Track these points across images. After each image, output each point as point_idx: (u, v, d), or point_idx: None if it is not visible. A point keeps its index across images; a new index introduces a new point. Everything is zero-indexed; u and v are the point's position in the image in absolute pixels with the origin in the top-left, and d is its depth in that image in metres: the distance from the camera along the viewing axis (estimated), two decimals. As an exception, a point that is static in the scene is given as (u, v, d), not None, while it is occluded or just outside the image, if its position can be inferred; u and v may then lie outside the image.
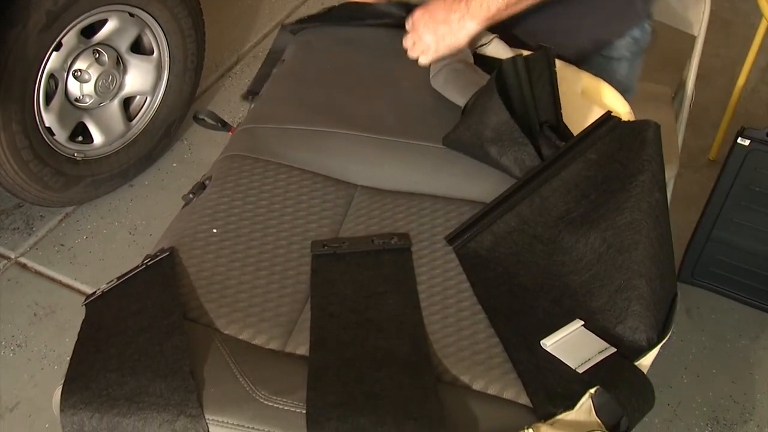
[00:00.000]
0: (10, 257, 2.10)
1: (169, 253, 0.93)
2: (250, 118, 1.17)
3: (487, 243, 0.97)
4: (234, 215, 0.99)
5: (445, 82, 1.16)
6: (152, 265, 0.93)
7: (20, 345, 1.87)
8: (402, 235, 1.00)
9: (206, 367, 0.82)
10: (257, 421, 0.79)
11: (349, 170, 1.07)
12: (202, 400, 0.79)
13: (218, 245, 0.96)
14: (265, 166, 1.06)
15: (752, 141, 1.71)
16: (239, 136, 1.13)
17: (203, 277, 0.92)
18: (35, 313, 1.95)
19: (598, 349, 0.84)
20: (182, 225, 0.99)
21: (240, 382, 0.81)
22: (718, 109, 2.57)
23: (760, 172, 1.74)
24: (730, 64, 2.85)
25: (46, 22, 1.82)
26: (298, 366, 0.84)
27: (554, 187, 0.98)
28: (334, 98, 1.17)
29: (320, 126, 1.12)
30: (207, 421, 0.78)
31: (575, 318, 0.88)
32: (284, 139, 1.10)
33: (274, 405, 0.80)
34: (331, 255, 0.96)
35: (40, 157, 1.96)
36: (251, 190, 1.02)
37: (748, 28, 2.99)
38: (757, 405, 1.78)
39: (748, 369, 1.86)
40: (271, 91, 1.23)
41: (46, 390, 1.77)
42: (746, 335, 1.93)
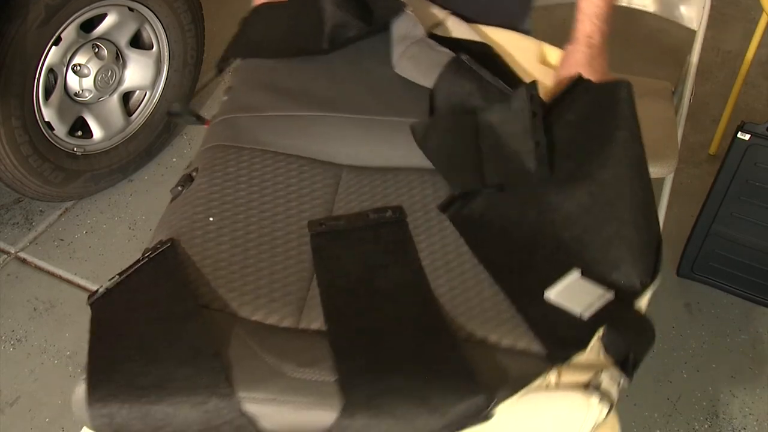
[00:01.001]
0: (10, 252, 2.10)
1: (170, 244, 0.94)
2: (226, 109, 1.17)
3: (479, 208, 1.00)
4: (227, 203, 1.00)
5: (409, 68, 1.17)
6: (155, 257, 0.93)
7: (20, 340, 1.87)
8: (395, 208, 1.01)
9: (227, 350, 0.83)
10: (289, 393, 0.79)
11: (333, 151, 1.09)
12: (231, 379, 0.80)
13: (217, 233, 0.96)
14: (250, 154, 1.07)
15: (752, 135, 1.71)
16: (218, 127, 1.14)
17: (207, 265, 0.92)
18: (35, 307, 1.95)
19: (598, 295, 0.89)
20: (177, 216, 0.99)
21: (264, 359, 0.82)
22: (719, 103, 2.56)
23: (760, 166, 1.74)
24: (730, 59, 2.85)
25: (45, 17, 1.82)
26: (315, 340, 0.85)
27: None
28: (306, 84, 1.18)
29: (298, 111, 1.13)
30: (239, 399, 0.79)
31: (572, 269, 0.92)
32: (265, 126, 1.11)
33: (303, 377, 0.81)
34: (329, 233, 0.97)
35: (39, 151, 1.96)
36: (241, 178, 1.03)
37: (748, 23, 2.99)
38: (757, 400, 1.78)
39: (747, 364, 1.86)
40: (244, 82, 1.22)
41: (47, 384, 1.77)
42: (746, 330, 1.93)
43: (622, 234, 0.93)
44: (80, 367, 1.81)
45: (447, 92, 1.13)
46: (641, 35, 2.93)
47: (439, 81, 1.13)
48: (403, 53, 1.18)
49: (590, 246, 0.94)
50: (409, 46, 1.18)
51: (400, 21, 1.21)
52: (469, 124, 1.06)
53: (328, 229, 0.98)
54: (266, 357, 0.82)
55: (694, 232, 1.90)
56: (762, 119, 1.69)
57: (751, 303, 1.97)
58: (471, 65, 1.13)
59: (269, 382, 0.80)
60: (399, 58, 1.18)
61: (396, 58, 1.19)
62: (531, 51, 1.26)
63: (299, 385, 0.80)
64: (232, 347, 0.83)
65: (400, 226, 0.99)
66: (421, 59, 1.16)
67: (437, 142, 1.06)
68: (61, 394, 1.75)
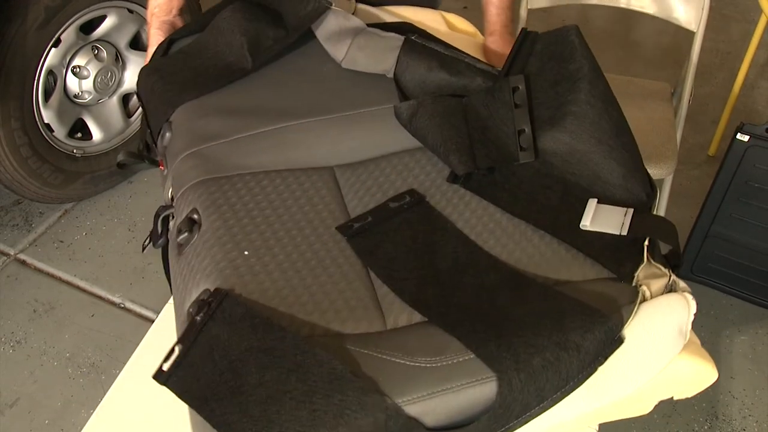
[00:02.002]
0: (10, 254, 2.10)
1: (226, 293, 0.87)
2: (184, 145, 1.08)
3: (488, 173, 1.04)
4: (251, 232, 0.96)
5: (360, 58, 1.18)
6: (217, 312, 0.86)
7: (20, 341, 1.87)
8: (410, 192, 1.01)
9: (358, 367, 0.80)
10: (443, 383, 0.79)
11: (318, 156, 1.07)
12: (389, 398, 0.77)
13: (261, 265, 0.92)
14: (242, 180, 1.02)
15: (751, 137, 1.71)
16: (188, 164, 1.05)
17: (272, 297, 0.89)
18: (35, 309, 1.95)
19: (622, 213, 0.97)
20: (208, 262, 0.92)
21: (399, 362, 0.81)
22: (718, 105, 2.57)
23: (760, 168, 1.74)
24: (729, 60, 2.85)
25: (45, 18, 1.82)
26: (418, 332, 0.85)
27: None
28: (254, 101, 1.15)
29: (263, 127, 1.09)
30: (400, 406, 0.77)
31: (588, 199, 0.99)
32: (238, 150, 1.06)
33: (443, 364, 0.80)
34: (362, 232, 0.96)
35: (39, 153, 1.96)
36: (248, 205, 0.99)
37: (747, 24, 2.99)
38: (756, 401, 1.79)
39: (747, 365, 1.86)
40: (186, 117, 1.14)
41: (46, 386, 1.77)
42: (745, 331, 1.93)
43: (616, 157, 1.00)
44: (80, 368, 1.81)
45: (412, 72, 1.14)
46: (640, 37, 2.93)
47: (400, 64, 1.15)
48: (351, 46, 1.18)
49: (593, 176, 1.01)
50: (355, 38, 1.18)
51: (330, 18, 1.21)
52: (457, 108, 1.08)
53: (360, 229, 0.97)
54: (398, 359, 0.81)
55: (693, 234, 1.91)
56: (761, 120, 1.69)
57: (750, 304, 1.97)
58: (424, 42, 1.16)
59: (419, 380, 0.80)
60: (347, 52, 1.19)
61: (341, 53, 1.19)
62: (439, 21, 1.32)
63: (446, 372, 0.80)
64: (360, 363, 0.81)
65: (424, 207, 1.00)
66: (372, 48, 1.17)
67: (427, 124, 1.07)
68: (60, 396, 1.75)
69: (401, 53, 1.15)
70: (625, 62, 2.80)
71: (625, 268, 0.92)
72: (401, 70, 1.15)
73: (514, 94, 1.07)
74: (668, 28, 1.83)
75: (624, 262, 0.93)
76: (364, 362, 0.81)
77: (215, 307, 0.85)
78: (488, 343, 0.81)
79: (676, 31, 1.81)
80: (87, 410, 1.76)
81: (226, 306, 0.85)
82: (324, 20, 1.20)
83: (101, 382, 1.80)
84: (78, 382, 1.79)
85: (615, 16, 3.01)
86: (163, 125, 1.12)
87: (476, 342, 0.82)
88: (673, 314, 0.86)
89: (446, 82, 1.13)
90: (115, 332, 1.91)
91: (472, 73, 1.13)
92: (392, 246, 0.95)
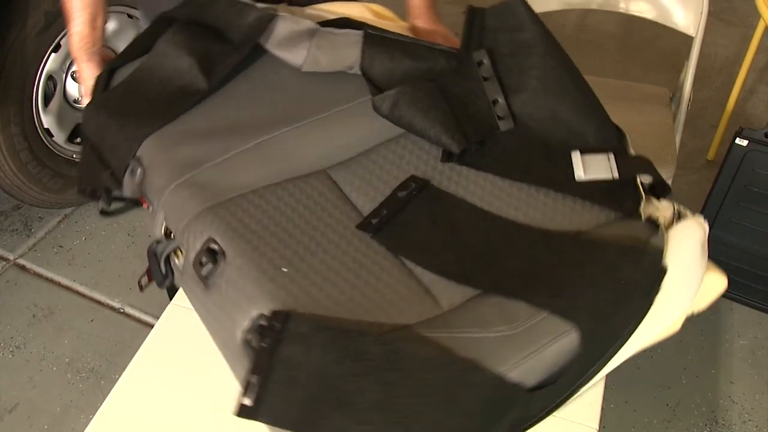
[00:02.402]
0: (9, 259, 2.10)
1: (288, 313, 0.84)
2: (168, 177, 1.03)
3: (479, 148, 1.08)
4: (279, 249, 0.94)
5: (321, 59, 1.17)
6: (285, 332, 0.83)
7: (19, 346, 1.87)
8: (412, 178, 1.03)
9: (449, 352, 0.83)
10: (528, 346, 0.83)
11: (307, 162, 1.06)
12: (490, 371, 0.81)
13: (305, 277, 0.91)
14: (247, 199, 1.01)
15: (750, 141, 1.71)
16: (181, 196, 1.00)
17: (327, 306, 0.88)
18: (34, 314, 1.95)
19: (605, 158, 1.04)
20: (250, 286, 0.89)
21: (477, 337, 0.84)
22: (717, 109, 2.57)
23: (759, 172, 1.74)
24: (728, 65, 2.86)
25: (45, 24, 1.82)
26: (479, 306, 0.88)
27: None
28: (231, 116, 1.11)
29: (247, 142, 1.07)
30: (505, 374, 0.81)
31: (570, 152, 1.06)
32: (229, 170, 1.04)
33: (521, 328, 0.84)
34: (383, 227, 0.97)
35: (38, 158, 1.96)
36: (264, 222, 0.98)
37: (746, 29, 3.00)
38: (756, 405, 1.78)
39: (746, 369, 1.86)
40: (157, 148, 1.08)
41: (46, 391, 1.77)
42: (745, 335, 1.93)
43: (582, 109, 1.09)
44: (79, 373, 1.81)
45: (379, 64, 1.16)
46: (639, 41, 2.94)
47: (365, 58, 1.16)
48: (310, 48, 1.18)
49: (568, 131, 1.08)
50: (313, 39, 1.17)
51: (278, 25, 1.19)
52: (435, 91, 1.10)
53: (379, 224, 0.97)
54: (477, 334, 0.84)
55: (693, 238, 1.90)
56: (760, 125, 1.70)
57: (749, 308, 1.97)
58: (381, 34, 1.18)
59: (506, 349, 0.83)
60: (308, 55, 1.18)
61: (300, 57, 1.18)
62: (365, 11, 1.33)
63: (525, 336, 0.83)
64: (451, 347, 0.83)
65: (431, 190, 1.02)
66: (331, 46, 1.17)
67: (410, 111, 1.09)
68: (59, 401, 1.75)
69: (365, 47, 1.16)
70: (624, 67, 2.80)
71: (629, 207, 1.00)
72: (368, 64, 1.16)
73: (480, 68, 1.13)
74: (667, 33, 1.83)
75: (624, 202, 1.01)
76: (453, 345, 0.83)
77: (281, 329, 0.83)
78: (556, 299, 0.86)
79: (674, 35, 1.81)
80: (86, 415, 1.75)
81: (291, 325, 0.83)
82: (272, 28, 1.18)
83: (101, 387, 1.80)
84: (77, 387, 1.79)
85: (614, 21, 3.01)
86: (130, 162, 1.06)
87: (544, 301, 0.86)
88: (695, 236, 0.95)
89: (412, 68, 1.16)
90: (115, 337, 1.91)
91: (434, 56, 1.17)
92: (416, 232, 0.97)
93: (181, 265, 0.97)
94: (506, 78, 1.13)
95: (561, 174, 1.05)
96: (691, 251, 0.95)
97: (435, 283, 0.92)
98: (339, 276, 0.91)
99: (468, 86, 1.13)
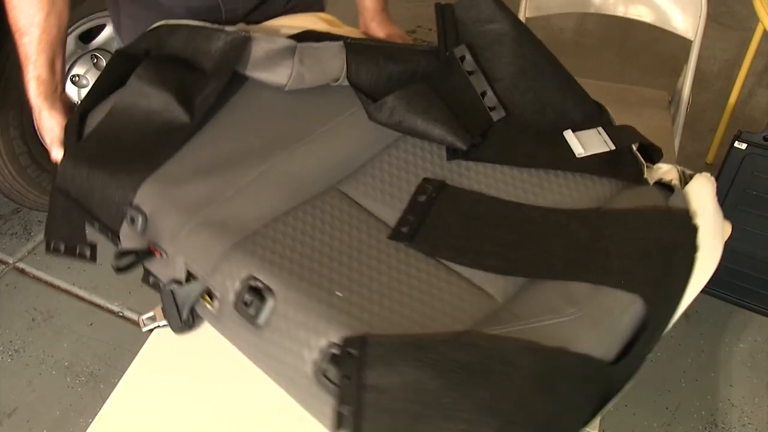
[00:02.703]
0: (8, 262, 2.10)
1: (363, 339, 0.82)
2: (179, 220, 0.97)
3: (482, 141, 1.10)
4: (323, 273, 0.91)
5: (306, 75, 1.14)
6: (365, 357, 0.82)
7: (18, 350, 1.87)
8: (427, 180, 1.04)
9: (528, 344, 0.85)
10: (601, 322, 0.86)
11: (317, 181, 1.04)
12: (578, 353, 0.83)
13: (360, 297, 0.89)
14: (270, 229, 0.96)
15: (749, 145, 1.72)
16: (201, 237, 0.95)
17: (394, 321, 0.86)
18: (33, 318, 1.95)
19: (596, 133, 1.10)
20: (312, 318, 0.87)
21: (553, 324, 0.86)
22: (716, 112, 2.57)
23: (757, 175, 1.74)
24: (727, 68, 2.86)
25: (44, 28, 1.82)
26: (538, 293, 0.90)
27: None
28: (228, 147, 1.07)
29: (252, 172, 1.03)
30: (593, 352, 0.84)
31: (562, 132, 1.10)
32: (244, 203, 1.00)
33: (592, 305, 0.87)
34: (416, 234, 0.97)
35: (38, 162, 1.96)
36: (297, 249, 0.94)
37: (744, 32, 3.00)
38: (756, 409, 1.78)
39: (746, 373, 1.86)
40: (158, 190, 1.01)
41: (45, 395, 1.77)
42: (744, 339, 1.93)
43: (563, 88, 1.14)
44: (78, 377, 1.81)
45: (365, 72, 1.16)
46: (638, 45, 2.94)
47: (351, 68, 1.15)
48: (294, 65, 1.13)
49: (554, 111, 1.13)
50: (295, 57, 1.13)
51: (253, 48, 1.13)
52: (429, 92, 1.11)
53: (411, 231, 0.97)
54: (552, 320, 0.86)
55: (692, 241, 1.91)
56: (759, 128, 1.70)
57: (749, 312, 1.97)
58: (361, 42, 1.18)
59: (584, 328, 0.86)
60: (292, 73, 1.13)
61: (284, 76, 1.13)
62: (318, 21, 1.33)
63: (596, 314, 0.87)
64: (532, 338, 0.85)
65: (449, 189, 1.03)
66: (314, 61, 1.15)
67: (410, 115, 1.09)
68: (59, 405, 1.75)
69: (349, 56, 1.15)
70: (622, 70, 2.80)
71: (631, 174, 1.06)
72: (354, 73, 1.16)
73: (462, 63, 1.15)
74: (666, 36, 1.84)
75: (626, 171, 1.06)
76: (530, 336, 0.84)
77: (360, 355, 0.81)
78: (611, 273, 0.89)
79: (673, 38, 1.81)
80: (85, 419, 1.75)
81: (369, 349, 0.81)
82: (248, 51, 1.12)
83: (100, 391, 1.79)
84: (76, 391, 1.78)
85: (613, 25, 3.02)
86: (128, 212, 0.99)
87: (600, 277, 0.89)
88: (709, 190, 1.01)
89: (396, 71, 1.16)
90: (114, 341, 1.91)
91: (416, 57, 1.18)
92: (449, 233, 0.97)
93: (215, 309, 0.92)
94: (487, 69, 1.16)
95: (561, 154, 1.07)
96: (711, 204, 0.99)
97: (482, 279, 0.92)
98: (392, 290, 0.90)
99: (455, 82, 1.14)
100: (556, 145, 1.09)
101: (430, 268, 0.93)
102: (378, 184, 1.05)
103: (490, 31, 1.17)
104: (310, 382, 0.84)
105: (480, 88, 1.14)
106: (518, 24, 1.17)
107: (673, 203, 1.00)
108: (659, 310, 0.90)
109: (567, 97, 1.15)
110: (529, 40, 1.16)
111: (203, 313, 0.96)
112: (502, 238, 0.97)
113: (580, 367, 0.82)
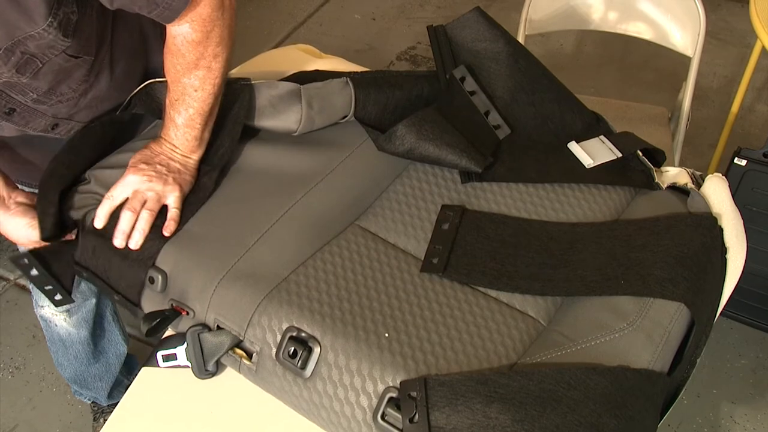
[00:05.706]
0: (9, 279, 2.10)
1: (424, 380, 0.81)
2: (206, 277, 0.94)
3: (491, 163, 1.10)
4: (365, 317, 0.89)
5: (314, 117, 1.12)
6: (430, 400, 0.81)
7: (18, 367, 1.87)
8: (447, 207, 1.04)
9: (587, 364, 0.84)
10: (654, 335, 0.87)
11: (335, 221, 1.03)
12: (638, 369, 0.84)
13: (408, 336, 0.87)
14: (300, 275, 0.94)
15: (749, 161, 1.72)
16: (232, 292, 0.93)
17: (447, 358, 0.86)
18: (34, 335, 1.95)
19: (600, 141, 1.11)
20: (365, 365, 0.85)
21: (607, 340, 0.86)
22: (715, 128, 2.58)
23: (758, 192, 1.74)
24: (726, 84, 2.87)
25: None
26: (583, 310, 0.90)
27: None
28: (242, 197, 1.05)
29: (270, 220, 1.01)
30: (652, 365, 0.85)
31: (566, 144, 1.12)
32: (268, 252, 0.96)
33: (640, 321, 0.88)
34: (446, 264, 0.96)
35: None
36: (333, 293, 0.92)
37: (743, 49, 3.02)
38: (758, 425, 1.78)
39: (748, 389, 1.85)
40: (178, 250, 0.98)
41: (45, 413, 1.76)
42: (746, 355, 1.93)
43: (561, 101, 1.15)
44: (79, 394, 1.80)
45: (373, 103, 1.15)
46: (637, 61, 2.95)
47: (357, 104, 1.13)
48: (303, 109, 1.10)
49: (556, 124, 1.15)
50: (303, 102, 1.10)
51: (257, 97, 1.09)
52: (438, 117, 1.10)
53: (442, 262, 0.96)
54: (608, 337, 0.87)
55: (693, 257, 1.90)
56: (759, 144, 1.70)
57: (750, 328, 1.96)
58: (363, 75, 1.16)
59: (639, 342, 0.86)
60: (302, 117, 1.10)
61: (293, 122, 1.10)
62: (297, 52, 1.36)
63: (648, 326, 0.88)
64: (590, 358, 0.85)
65: (470, 214, 1.03)
66: (323, 101, 1.12)
67: (421, 143, 1.07)
68: (59, 422, 1.75)
69: (356, 91, 1.12)
70: (622, 87, 2.81)
71: (641, 180, 1.07)
72: (361, 108, 1.13)
73: (463, 83, 1.15)
74: (665, 52, 1.85)
75: (636, 176, 1.07)
76: (587, 356, 0.84)
77: (423, 397, 0.80)
78: (652, 284, 0.89)
79: (672, 55, 1.82)
80: (85, 437, 1.75)
81: (432, 391, 0.80)
82: (256, 103, 1.09)
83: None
84: (77, 409, 1.78)
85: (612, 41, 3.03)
86: (148, 274, 0.97)
87: (645, 288, 0.89)
88: (724, 189, 1.02)
89: (401, 99, 1.16)
90: (115, 358, 1.90)
91: (418, 82, 1.18)
92: (479, 260, 0.97)
93: (254, 363, 0.90)
94: (486, 88, 1.16)
95: (571, 166, 1.08)
96: (729, 204, 1.02)
97: (522, 302, 0.92)
98: (437, 324, 0.89)
99: (459, 104, 1.14)
100: (564, 158, 1.10)
101: (468, 297, 0.93)
102: (397, 216, 1.04)
103: (484, 49, 1.17)
104: (370, 429, 0.82)
105: (483, 108, 1.14)
106: (512, 40, 1.17)
107: (692, 206, 1.01)
108: (702, 314, 0.90)
109: (565, 109, 1.15)
110: (524, 55, 1.17)
111: (231, 364, 0.93)
112: (533, 258, 0.96)
113: (643, 383, 0.82)
